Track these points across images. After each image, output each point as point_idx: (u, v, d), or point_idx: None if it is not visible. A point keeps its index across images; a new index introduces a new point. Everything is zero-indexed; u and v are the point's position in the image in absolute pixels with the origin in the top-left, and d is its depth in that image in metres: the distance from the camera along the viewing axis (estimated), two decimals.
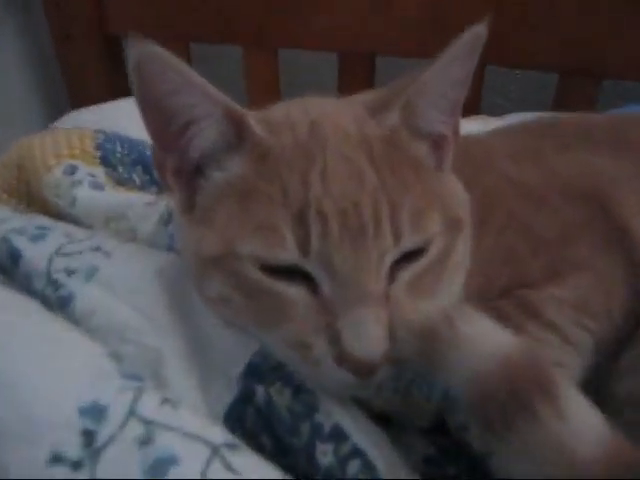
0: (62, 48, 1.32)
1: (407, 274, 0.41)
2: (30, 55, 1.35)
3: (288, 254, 0.39)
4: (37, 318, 0.42)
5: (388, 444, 0.43)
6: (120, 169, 0.67)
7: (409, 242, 0.40)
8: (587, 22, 1.06)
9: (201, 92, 0.40)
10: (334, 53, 1.22)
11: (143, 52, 0.38)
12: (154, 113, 0.42)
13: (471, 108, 1.14)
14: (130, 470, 0.33)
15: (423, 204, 0.41)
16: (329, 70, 1.26)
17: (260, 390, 0.44)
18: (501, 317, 0.51)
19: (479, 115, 1.09)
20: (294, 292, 0.40)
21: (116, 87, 1.29)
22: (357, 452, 0.40)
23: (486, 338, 0.38)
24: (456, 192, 0.48)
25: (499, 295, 0.53)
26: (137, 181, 0.67)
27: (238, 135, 0.42)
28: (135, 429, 0.35)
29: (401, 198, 0.40)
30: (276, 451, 0.44)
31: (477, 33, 0.41)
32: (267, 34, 1.24)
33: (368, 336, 0.37)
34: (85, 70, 1.31)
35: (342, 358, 0.38)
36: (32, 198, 0.66)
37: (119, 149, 0.68)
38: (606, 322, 0.53)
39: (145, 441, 0.34)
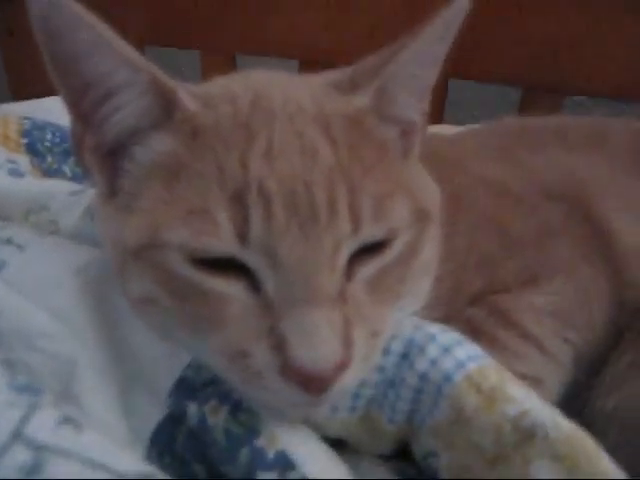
0: (5, 44, 1.24)
1: (368, 271, 0.34)
2: None
3: (223, 243, 0.32)
4: None
5: (344, 474, 0.36)
6: (49, 159, 0.59)
7: (370, 231, 0.34)
8: (553, 35, 1.04)
9: (121, 56, 0.33)
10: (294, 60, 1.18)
11: (49, 3, 0.31)
12: (67, 78, 0.35)
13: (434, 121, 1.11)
14: None
15: (387, 189, 0.35)
16: None
17: (193, 408, 0.37)
18: (474, 329, 0.45)
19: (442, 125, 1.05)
20: (230, 290, 0.33)
21: None
22: None
23: None
24: (424, 183, 0.42)
25: (470, 302, 0.47)
26: (68, 173, 0.60)
27: (166, 109, 0.35)
28: (20, 455, 0.27)
29: (362, 181, 0.34)
30: None
31: (461, 6, 0.36)
32: (224, 38, 1.20)
33: (319, 342, 0.31)
34: (28, 68, 1.23)
35: (288, 369, 0.31)
36: None
37: (49, 137, 0.61)
38: (588, 333, 0.48)
39: (32, 470, 0.27)
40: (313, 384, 0.31)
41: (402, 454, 0.40)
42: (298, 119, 0.35)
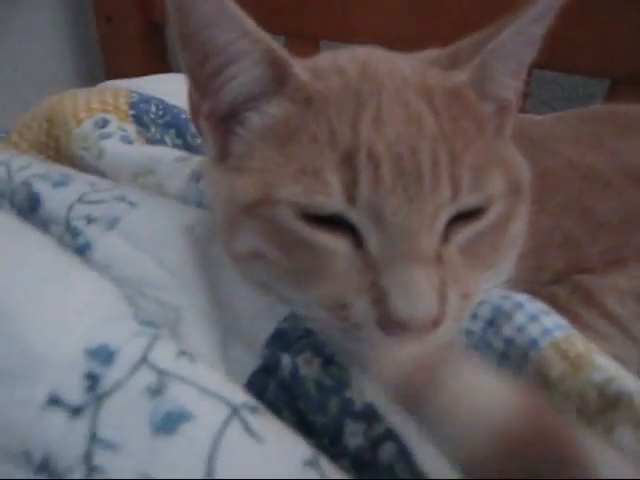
0: (104, 30, 1.31)
1: (462, 236, 0.36)
2: (70, 33, 1.34)
3: (332, 201, 0.34)
4: (50, 254, 0.38)
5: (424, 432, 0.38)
6: (152, 129, 0.63)
7: (467, 199, 0.35)
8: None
9: (241, 28, 0.36)
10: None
11: None
12: (190, 48, 0.38)
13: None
14: (136, 422, 0.29)
15: (485, 162, 0.37)
16: None
17: (286, 360, 0.40)
18: (556, 304, 0.46)
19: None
20: (336, 245, 0.35)
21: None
22: (391, 436, 0.36)
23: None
24: (517, 160, 0.43)
25: (552, 280, 0.48)
26: (169, 143, 0.64)
27: (279, 78, 0.38)
28: (146, 378, 0.31)
29: (462, 151, 0.36)
30: (298, 429, 0.39)
31: None
32: (309, 24, 1.22)
33: (418, 296, 0.32)
34: (125, 55, 1.30)
35: (387, 321, 0.33)
36: (60, 154, 0.63)
37: (153, 109, 0.65)
38: None
39: (156, 392, 0.30)
40: (409, 336, 0.33)
41: None
42: (404, 90, 0.37)
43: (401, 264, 0.33)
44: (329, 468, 0.30)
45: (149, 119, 0.64)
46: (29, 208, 0.48)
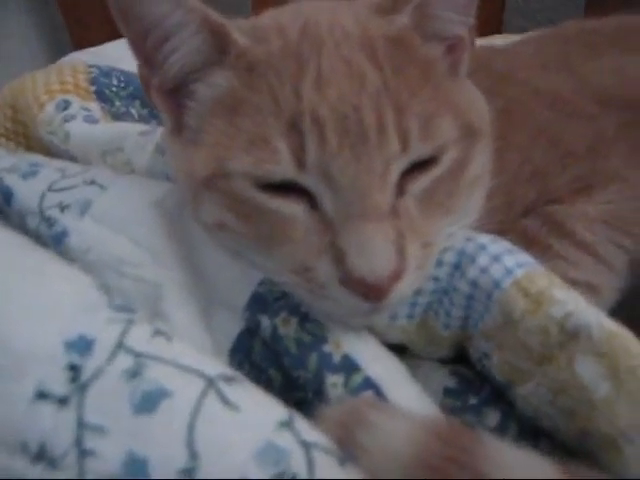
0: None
1: (418, 186, 0.37)
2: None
3: (282, 168, 0.35)
4: (19, 250, 0.39)
5: (406, 376, 0.40)
6: (117, 103, 0.63)
7: (418, 149, 0.36)
8: None
9: (174, 3, 0.36)
10: None
11: None
12: (128, 24, 0.38)
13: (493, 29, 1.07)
14: (119, 404, 0.31)
15: (434, 108, 0.37)
16: None
17: (265, 321, 0.42)
18: (528, 239, 0.47)
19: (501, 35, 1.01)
20: (292, 210, 0.36)
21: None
22: (370, 384, 0.37)
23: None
24: (472, 99, 0.43)
25: (524, 213, 0.48)
26: (135, 115, 0.64)
27: (220, 47, 0.38)
28: (123, 362, 0.32)
29: (408, 101, 0.36)
30: (285, 385, 0.42)
31: None
32: None
33: (375, 253, 0.34)
34: (86, 17, 1.26)
35: (348, 279, 0.34)
36: (29, 139, 0.63)
37: (115, 82, 0.64)
38: None
39: (134, 374, 0.32)
40: (371, 292, 0.34)
41: (459, 358, 0.44)
42: (344, 45, 0.37)
43: (355, 223, 0.34)
44: (304, 427, 0.32)
45: (112, 93, 0.63)
46: (4, 202, 0.49)
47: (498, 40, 0.85)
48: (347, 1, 0.45)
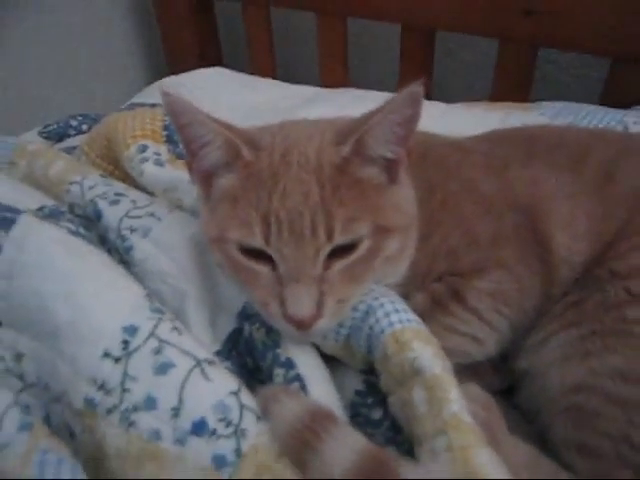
0: (160, 10, 1.52)
1: (340, 264, 0.58)
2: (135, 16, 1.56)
3: (256, 242, 0.57)
4: (103, 267, 0.64)
5: (326, 377, 0.62)
6: (180, 146, 0.87)
7: (340, 240, 0.57)
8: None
9: (208, 127, 0.58)
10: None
11: (173, 101, 0.57)
12: (182, 137, 0.61)
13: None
14: (145, 368, 0.55)
15: (356, 214, 0.57)
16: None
17: (247, 326, 0.65)
18: (434, 299, 0.68)
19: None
20: (260, 268, 0.59)
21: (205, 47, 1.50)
22: (299, 378, 0.60)
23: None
24: (398, 203, 0.62)
25: (436, 278, 0.69)
26: None
27: (234, 156, 0.60)
28: (152, 343, 0.57)
29: (336, 210, 0.56)
30: (255, 369, 0.65)
31: (412, 92, 0.55)
32: (337, 2, 1.37)
33: (301, 303, 0.56)
34: (179, 32, 1.50)
35: (286, 316, 0.57)
36: (117, 165, 0.88)
37: None
38: (519, 312, 0.68)
39: (157, 351, 0.56)
40: (299, 325, 0.56)
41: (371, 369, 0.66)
42: (303, 169, 0.58)
43: (294, 284, 0.56)
44: (245, 395, 0.55)
45: (177, 138, 0.87)
46: (95, 218, 0.75)
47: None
48: (327, 122, 0.66)
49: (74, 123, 1.15)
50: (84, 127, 1.14)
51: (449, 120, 1.06)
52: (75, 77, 1.44)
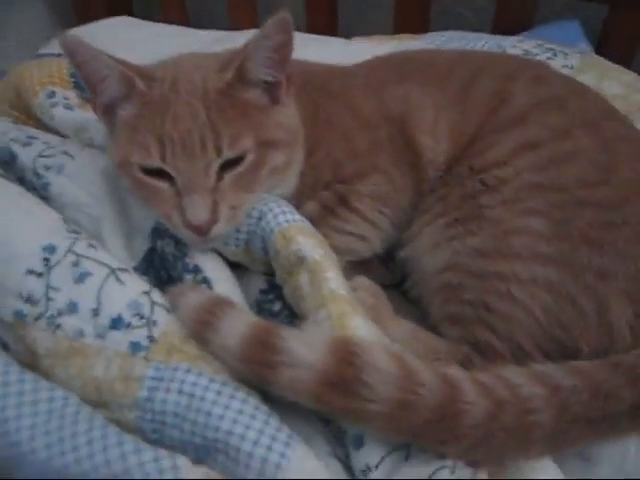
0: None
1: (230, 175, 0.66)
2: None
3: (154, 161, 0.65)
4: (18, 195, 0.71)
5: (229, 278, 0.72)
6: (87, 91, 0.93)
7: (227, 155, 0.65)
8: None
9: (103, 62, 0.65)
10: None
11: (69, 40, 0.63)
12: (82, 74, 0.67)
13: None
14: (65, 279, 0.63)
15: (241, 132, 0.66)
16: None
17: (159, 243, 0.74)
18: (323, 205, 0.78)
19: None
20: (161, 185, 0.66)
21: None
22: (205, 280, 0.69)
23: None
24: (281, 121, 0.71)
25: (324, 187, 0.79)
26: None
27: (129, 88, 0.67)
28: (71, 258, 0.65)
29: (222, 128, 0.65)
30: (168, 279, 0.74)
31: (280, 19, 0.63)
32: None
33: (198, 210, 0.64)
34: None
35: (186, 223, 0.65)
36: (28, 112, 0.93)
37: None
38: (396, 209, 0.79)
39: (75, 264, 0.64)
40: (197, 231, 0.65)
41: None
42: (191, 95, 0.65)
43: (190, 194, 0.65)
44: (156, 295, 0.64)
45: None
46: (11, 161, 0.80)
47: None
48: (210, 55, 0.74)
49: None
50: None
51: (348, 52, 1.14)
52: None
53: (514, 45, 1.14)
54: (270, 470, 0.52)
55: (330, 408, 0.54)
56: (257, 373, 0.56)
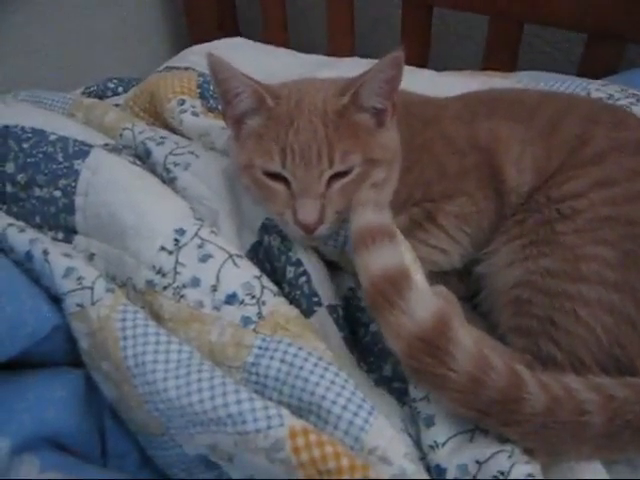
0: None
1: (337, 185, 0.77)
2: None
3: (276, 166, 0.76)
4: (156, 184, 0.84)
5: (325, 273, 0.82)
6: (211, 101, 1.06)
7: (338, 167, 0.76)
8: None
9: (240, 80, 0.77)
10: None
11: (215, 60, 0.76)
12: (220, 89, 0.79)
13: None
14: (191, 258, 0.75)
15: (350, 149, 0.76)
16: None
17: (266, 238, 0.85)
18: (412, 219, 0.87)
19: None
20: (278, 186, 0.77)
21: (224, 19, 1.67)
22: (305, 273, 0.80)
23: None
24: (384, 142, 0.81)
25: (414, 204, 0.88)
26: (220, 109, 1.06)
27: (259, 104, 0.79)
28: (197, 241, 0.77)
29: (336, 144, 0.75)
30: (271, 271, 0.85)
31: (394, 57, 0.74)
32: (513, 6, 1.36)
33: (308, 211, 0.75)
34: (200, 4, 1.67)
35: (296, 221, 0.76)
36: (158, 117, 1.08)
37: (212, 87, 1.07)
38: (477, 229, 0.87)
39: (200, 246, 0.76)
40: (306, 228, 0.76)
41: None
42: (312, 114, 0.76)
43: (303, 198, 0.76)
44: (265, 280, 0.75)
45: (209, 94, 1.06)
46: (145, 156, 0.94)
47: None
48: (328, 81, 0.85)
49: (111, 85, 1.32)
50: (120, 89, 1.32)
51: (438, 84, 1.23)
52: (106, 45, 1.63)
53: (598, 88, 1.20)
54: (354, 432, 0.61)
55: (417, 364, 0.63)
56: (378, 304, 0.65)
